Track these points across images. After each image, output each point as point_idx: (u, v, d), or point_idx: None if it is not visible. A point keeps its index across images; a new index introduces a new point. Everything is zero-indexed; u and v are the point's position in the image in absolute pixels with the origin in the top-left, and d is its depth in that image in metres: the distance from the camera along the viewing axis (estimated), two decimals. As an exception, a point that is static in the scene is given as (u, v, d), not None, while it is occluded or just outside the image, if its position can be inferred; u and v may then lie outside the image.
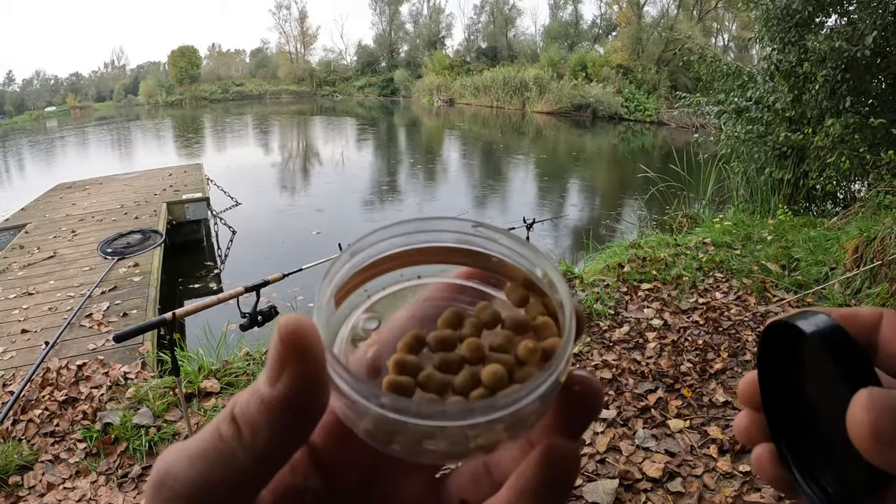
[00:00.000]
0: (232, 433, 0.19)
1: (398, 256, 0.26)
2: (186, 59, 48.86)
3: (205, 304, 2.40)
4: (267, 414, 0.19)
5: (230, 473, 0.19)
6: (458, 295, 0.27)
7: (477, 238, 0.26)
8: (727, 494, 2.30)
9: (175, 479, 0.19)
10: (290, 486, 0.23)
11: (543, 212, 10.47)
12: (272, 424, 0.19)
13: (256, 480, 0.20)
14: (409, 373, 0.22)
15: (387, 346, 0.25)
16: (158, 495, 0.20)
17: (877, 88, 6.16)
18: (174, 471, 0.20)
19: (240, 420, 0.19)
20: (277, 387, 0.19)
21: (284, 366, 0.19)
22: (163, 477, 0.20)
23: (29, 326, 4.42)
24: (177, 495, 0.19)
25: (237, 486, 0.20)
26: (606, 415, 2.81)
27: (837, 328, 0.24)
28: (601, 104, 27.01)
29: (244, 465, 0.19)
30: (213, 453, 0.19)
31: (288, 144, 22.56)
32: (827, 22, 6.37)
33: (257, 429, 0.19)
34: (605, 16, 38.64)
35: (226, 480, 0.19)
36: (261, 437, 0.19)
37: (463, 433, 0.20)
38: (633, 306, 3.99)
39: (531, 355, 0.23)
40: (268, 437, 0.19)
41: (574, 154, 18.41)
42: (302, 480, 0.23)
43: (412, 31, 49.96)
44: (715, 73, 7.38)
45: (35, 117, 45.79)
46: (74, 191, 10.10)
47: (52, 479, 2.66)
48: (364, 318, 0.27)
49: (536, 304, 0.25)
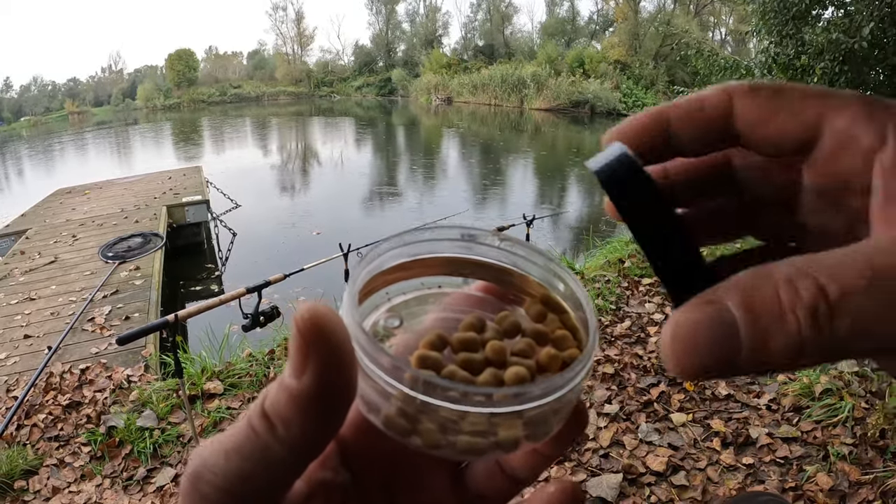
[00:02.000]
0: (265, 428, 0.19)
1: (420, 264, 0.26)
2: (184, 62, 48.82)
3: (207, 306, 2.40)
4: (296, 407, 0.19)
5: (266, 466, 0.19)
6: (478, 306, 0.28)
7: (500, 252, 0.26)
8: (731, 487, 2.30)
9: (212, 472, 0.20)
10: (320, 480, 0.23)
11: (543, 209, 10.47)
12: (303, 417, 0.19)
13: (292, 472, 0.20)
14: (431, 368, 0.22)
15: (408, 346, 0.25)
16: (196, 488, 0.20)
17: (875, 80, 6.15)
18: (211, 464, 0.20)
19: (271, 415, 0.19)
20: (303, 379, 0.19)
21: (308, 356, 0.19)
22: (200, 470, 0.20)
23: (31, 331, 4.43)
24: (215, 488, 0.19)
25: (273, 479, 0.20)
26: (610, 409, 2.81)
27: (622, 162, 0.21)
28: (599, 100, 27.00)
29: (280, 458, 0.19)
30: (248, 447, 0.19)
31: (287, 146, 22.55)
32: (824, 14, 6.36)
33: (289, 423, 0.19)
34: (602, 11, 38.62)
35: (263, 473, 0.19)
36: (293, 430, 0.19)
37: (486, 422, 0.20)
38: (634, 301, 3.99)
39: (552, 362, 0.23)
40: (300, 430, 0.19)
41: (573, 150, 18.40)
42: (331, 475, 0.24)
43: (409, 31, 49.92)
44: (712, 67, 7.37)
45: (33, 123, 45.78)
46: (74, 196, 10.11)
47: (58, 484, 2.67)
48: (385, 315, 0.27)
49: (554, 319, 0.26)
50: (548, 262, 0.26)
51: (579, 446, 2.56)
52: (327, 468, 0.24)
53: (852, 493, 2.23)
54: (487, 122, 26.39)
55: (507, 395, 0.20)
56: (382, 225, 9.15)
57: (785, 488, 2.29)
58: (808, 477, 2.31)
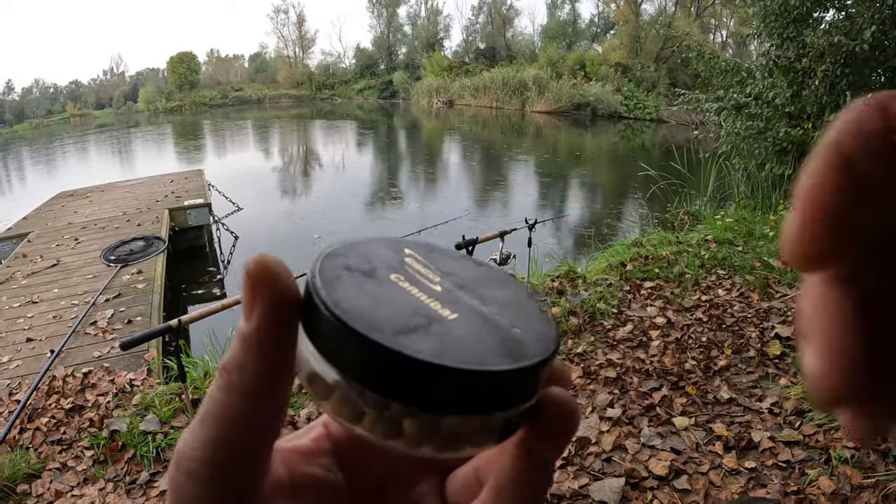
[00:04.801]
0: (225, 381, 0.20)
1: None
2: (185, 65, 48.99)
3: (210, 311, 2.41)
4: (248, 350, 0.19)
5: (234, 424, 0.20)
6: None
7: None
8: (733, 491, 2.30)
9: (191, 447, 0.20)
10: (308, 474, 0.24)
11: (545, 212, 10.47)
12: (255, 359, 0.19)
13: (261, 425, 0.20)
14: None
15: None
16: (179, 468, 0.20)
17: (876, 82, 6.15)
18: (190, 439, 0.20)
19: (228, 366, 0.20)
20: (252, 321, 0.19)
21: (255, 297, 0.19)
22: (181, 448, 0.20)
23: (34, 335, 4.43)
24: (198, 462, 0.20)
25: (244, 439, 0.20)
26: (612, 413, 2.81)
27: None
28: (600, 103, 27.02)
29: (242, 412, 0.20)
30: (215, 408, 0.20)
31: (288, 148, 22.58)
32: (825, 17, 6.36)
33: (244, 368, 0.19)
34: (603, 14, 38.70)
35: (234, 435, 0.20)
36: (248, 375, 0.19)
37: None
38: (636, 305, 3.99)
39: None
40: (254, 374, 0.19)
41: (575, 153, 18.40)
42: (322, 472, 0.24)
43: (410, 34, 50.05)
44: (713, 69, 7.37)
45: (35, 126, 45.91)
46: (76, 199, 10.13)
47: (61, 488, 2.67)
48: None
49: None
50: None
51: (582, 450, 2.56)
52: (316, 463, 0.24)
53: (854, 496, 2.23)
54: (489, 125, 26.41)
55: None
56: (384, 228, 9.15)
57: (787, 492, 2.28)
58: (811, 481, 2.30)
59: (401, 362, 0.18)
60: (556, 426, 0.21)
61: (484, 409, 0.20)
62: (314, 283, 0.20)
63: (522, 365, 0.19)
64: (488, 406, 0.20)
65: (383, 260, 0.23)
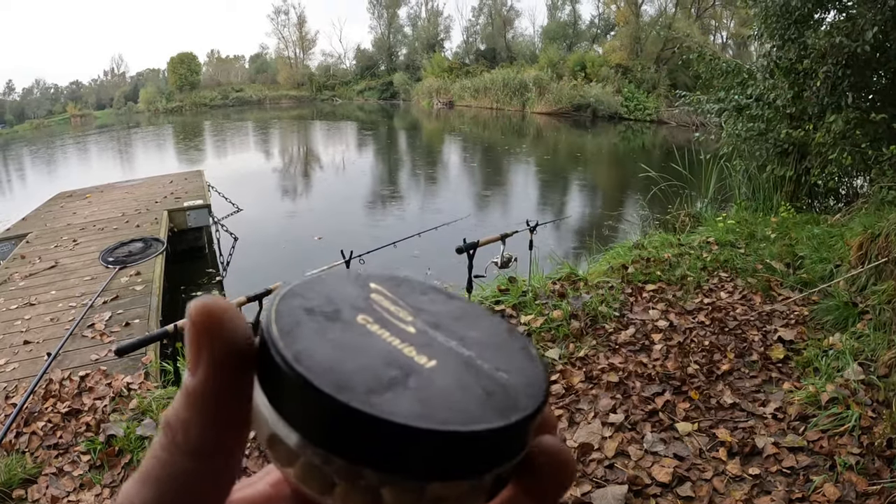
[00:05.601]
0: (168, 439, 0.18)
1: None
2: (186, 65, 48.99)
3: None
4: (192, 407, 0.18)
5: (179, 486, 0.18)
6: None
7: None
8: (737, 498, 2.27)
9: None
10: None
11: (546, 213, 10.45)
12: (201, 417, 0.17)
13: (207, 485, 0.18)
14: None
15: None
16: None
17: (877, 83, 6.13)
18: (131, 495, 0.18)
19: (171, 422, 0.18)
20: (198, 374, 0.17)
21: (201, 348, 0.17)
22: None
23: (31, 337, 4.41)
24: None
25: (190, 500, 0.18)
26: (614, 419, 2.78)
27: None
28: (601, 104, 27.02)
29: (185, 470, 0.18)
30: (156, 468, 0.18)
31: (289, 149, 22.58)
32: (826, 18, 6.35)
33: (188, 425, 0.18)
34: (603, 15, 38.65)
35: (178, 496, 0.18)
36: (192, 433, 0.17)
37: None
38: (638, 308, 3.96)
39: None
40: (199, 431, 0.18)
41: (576, 154, 18.39)
42: None
43: (411, 35, 50.04)
44: (714, 70, 7.35)
45: (36, 126, 45.90)
46: (75, 199, 10.10)
47: (57, 493, 2.64)
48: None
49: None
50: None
51: (584, 457, 2.53)
52: None
53: (859, 503, 2.20)
54: (489, 126, 26.40)
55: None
56: (384, 230, 9.11)
57: (792, 499, 2.25)
58: (815, 487, 2.28)
59: (377, 427, 0.16)
60: (550, 480, 0.20)
61: (473, 472, 0.17)
62: (270, 333, 0.18)
63: (513, 420, 0.17)
64: (478, 469, 0.17)
65: (347, 299, 0.20)
